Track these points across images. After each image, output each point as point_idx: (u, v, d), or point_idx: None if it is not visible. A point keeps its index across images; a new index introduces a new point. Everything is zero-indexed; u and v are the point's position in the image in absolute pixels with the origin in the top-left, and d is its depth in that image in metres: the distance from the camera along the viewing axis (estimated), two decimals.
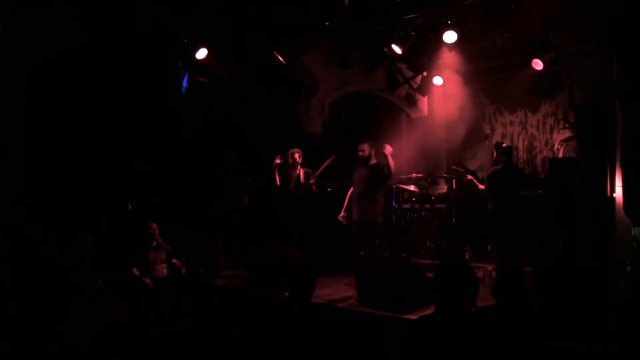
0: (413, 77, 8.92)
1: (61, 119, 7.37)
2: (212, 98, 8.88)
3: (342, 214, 6.88)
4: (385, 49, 7.83)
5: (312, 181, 7.17)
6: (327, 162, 7.09)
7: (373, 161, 6.70)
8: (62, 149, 7.39)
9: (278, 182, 7.26)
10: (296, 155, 7.26)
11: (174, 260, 6.45)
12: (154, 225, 6.46)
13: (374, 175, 6.58)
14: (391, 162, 6.42)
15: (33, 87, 6.90)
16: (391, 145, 6.54)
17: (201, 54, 7.66)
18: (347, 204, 6.87)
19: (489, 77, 9.38)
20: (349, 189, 6.88)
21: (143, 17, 7.16)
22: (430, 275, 2.99)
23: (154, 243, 6.46)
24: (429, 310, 2.91)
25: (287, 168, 7.32)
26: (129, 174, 8.06)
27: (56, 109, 7.32)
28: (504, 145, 7.25)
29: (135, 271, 6.26)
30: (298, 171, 7.29)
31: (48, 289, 5.02)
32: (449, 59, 8.04)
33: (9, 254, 5.53)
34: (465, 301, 2.72)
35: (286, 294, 3.51)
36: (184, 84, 8.57)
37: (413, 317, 4.46)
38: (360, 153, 6.68)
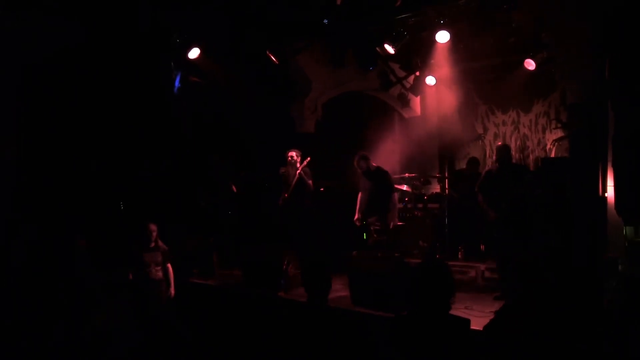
0: (406, 77, 8.93)
1: (56, 119, 7.32)
2: (205, 98, 8.85)
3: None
4: (377, 49, 7.83)
5: (299, 171, 7.17)
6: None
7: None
8: (56, 149, 7.34)
9: (285, 194, 7.31)
10: (293, 154, 7.28)
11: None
12: (153, 227, 6.29)
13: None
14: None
15: (29, 88, 6.85)
16: (384, 145, 6.56)
17: (194, 53, 7.63)
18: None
19: (481, 76, 9.39)
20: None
21: (142, 17, 7.12)
22: None
23: (152, 245, 6.32)
24: None
25: (288, 173, 7.36)
26: (124, 174, 8.01)
27: (51, 110, 7.27)
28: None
29: (130, 276, 6.14)
30: (297, 172, 7.26)
31: (44, 289, 4.99)
32: (441, 59, 8.01)
33: (5, 255, 5.50)
34: (441, 302, 2.73)
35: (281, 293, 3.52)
36: (176, 84, 8.53)
37: None
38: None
